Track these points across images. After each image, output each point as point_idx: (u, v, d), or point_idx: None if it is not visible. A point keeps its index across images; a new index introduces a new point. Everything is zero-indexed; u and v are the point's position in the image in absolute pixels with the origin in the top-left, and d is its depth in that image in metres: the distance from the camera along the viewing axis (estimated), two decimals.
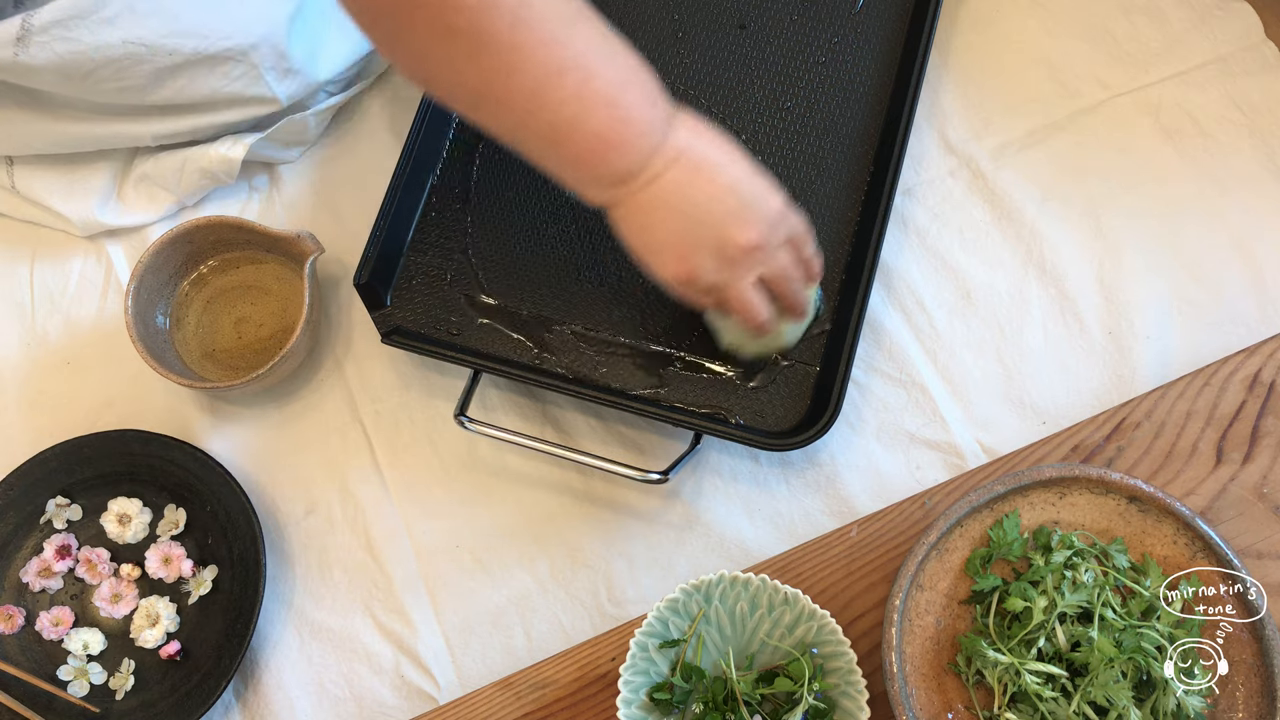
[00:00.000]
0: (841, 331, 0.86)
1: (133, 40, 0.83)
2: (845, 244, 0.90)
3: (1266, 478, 0.84)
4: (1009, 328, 0.90)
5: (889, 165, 0.88)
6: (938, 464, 0.88)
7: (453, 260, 0.92)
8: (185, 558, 0.88)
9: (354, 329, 0.95)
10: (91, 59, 0.82)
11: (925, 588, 0.78)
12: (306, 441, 0.92)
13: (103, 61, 0.83)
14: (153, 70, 0.85)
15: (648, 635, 0.78)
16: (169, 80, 0.87)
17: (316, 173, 0.99)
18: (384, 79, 1.00)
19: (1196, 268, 0.91)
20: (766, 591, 0.78)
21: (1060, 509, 0.80)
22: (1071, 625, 0.75)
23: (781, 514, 0.88)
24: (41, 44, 0.81)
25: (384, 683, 0.87)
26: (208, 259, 0.95)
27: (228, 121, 0.92)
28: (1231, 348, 0.88)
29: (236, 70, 0.88)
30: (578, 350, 0.89)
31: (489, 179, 0.94)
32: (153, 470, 0.90)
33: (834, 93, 0.93)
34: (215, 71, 0.87)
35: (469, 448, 0.91)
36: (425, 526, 0.90)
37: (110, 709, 0.87)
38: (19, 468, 0.89)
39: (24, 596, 0.89)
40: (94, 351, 0.95)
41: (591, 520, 0.88)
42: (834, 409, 0.83)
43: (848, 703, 0.76)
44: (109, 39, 0.82)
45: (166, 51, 0.84)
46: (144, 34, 0.83)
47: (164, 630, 0.87)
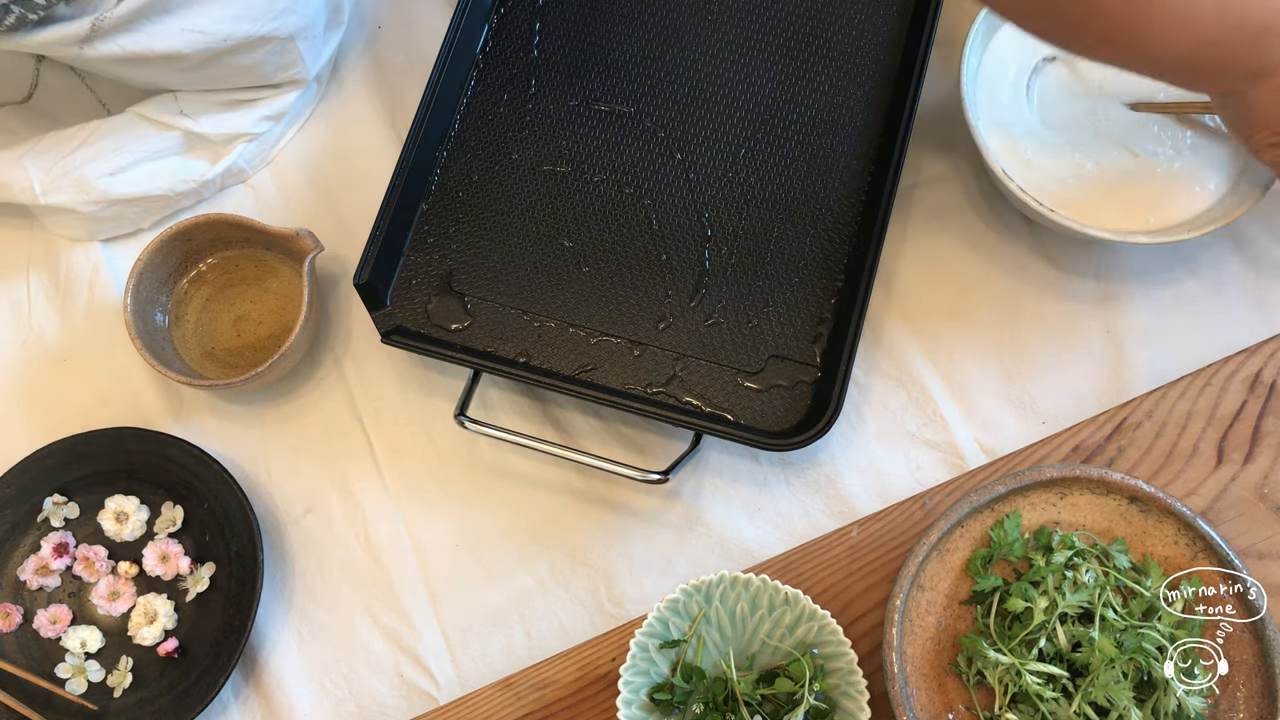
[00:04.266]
0: (841, 331, 0.86)
1: (191, 29, 0.83)
2: (845, 244, 0.90)
3: (1267, 478, 0.84)
4: (1009, 328, 0.90)
5: (889, 165, 0.88)
6: (938, 464, 0.88)
7: (453, 260, 0.92)
8: (183, 555, 0.88)
9: (353, 327, 0.94)
10: (152, 50, 0.83)
11: (926, 588, 0.78)
12: (306, 440, 0.92)
13: (163, 52, 0.83)
14: (205, 57, 0.86)
15: (648, 635, 0.78)
16: (216, 62, 0.88)
17: (316, 171, 0.98)
18: (385, 78, 1.00)
19: (1195, 266, 0.91)
20: (767, 592, 0.78)
21: (1061, 509, 0.80)
22: (1072, 625, 0.75)
23: (782, 514, 0.88)
24: (108, 41, 0.81)
25: (383, 682, 0.87)
26: (207, 256, 0.94)
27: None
28: (1231, 348, 0.88)
29: (277, 50, 0.90)
30: (578, 350, 0.89)
31: (489, 179, 0.94)
32: (150, 468, 0.90)
33: (834, 92, 0.93)
34: (260, 50, 0.89)
35: (469, 448, 0.91)
36: (425, 526, 0.89)
37: (108, 706, 0.86)
38: (16, 465, 0.89)
39: (21, 594, 0.89)
40: (92, 349, 0.95)
41: (591, 520, 0.88)
42: (834, 409, 0.83)
43: (848, 703, 0.76)
44: (170, 28, 0.83)
45: (221, 37, 0.85)
46: (202, 22, 0.84)
47: (162, 628, 0.87)
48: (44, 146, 0.91)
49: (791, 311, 0.89)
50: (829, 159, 0.92)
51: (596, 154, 0.93)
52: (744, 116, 0.93)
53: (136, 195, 0.93)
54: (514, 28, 0.97)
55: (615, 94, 0.95)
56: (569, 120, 0.94)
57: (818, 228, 0.90)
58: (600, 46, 0.96)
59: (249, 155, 0.97)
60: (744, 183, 0.92)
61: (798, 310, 0.89)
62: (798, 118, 0.93)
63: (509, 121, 0.95)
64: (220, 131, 0.93)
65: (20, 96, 0.96)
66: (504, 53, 0.96)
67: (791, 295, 0.89)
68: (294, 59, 0.92)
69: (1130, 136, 0.89)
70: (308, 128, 1.00)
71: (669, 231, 0.91)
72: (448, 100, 0.94)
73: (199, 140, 0.94)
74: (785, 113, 0.93)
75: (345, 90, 1.00)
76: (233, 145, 0.95)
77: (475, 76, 0.96)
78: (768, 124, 0.93)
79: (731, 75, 0.94)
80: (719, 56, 0.95)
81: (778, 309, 0.89)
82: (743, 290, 0.89)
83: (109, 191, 0.92)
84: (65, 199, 0.91)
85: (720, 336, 0.88)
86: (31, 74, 0.95)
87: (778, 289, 0.89)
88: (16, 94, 0.96)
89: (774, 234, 0.90)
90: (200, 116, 0.92)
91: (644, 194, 0.92)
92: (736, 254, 0.90)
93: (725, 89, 0.94)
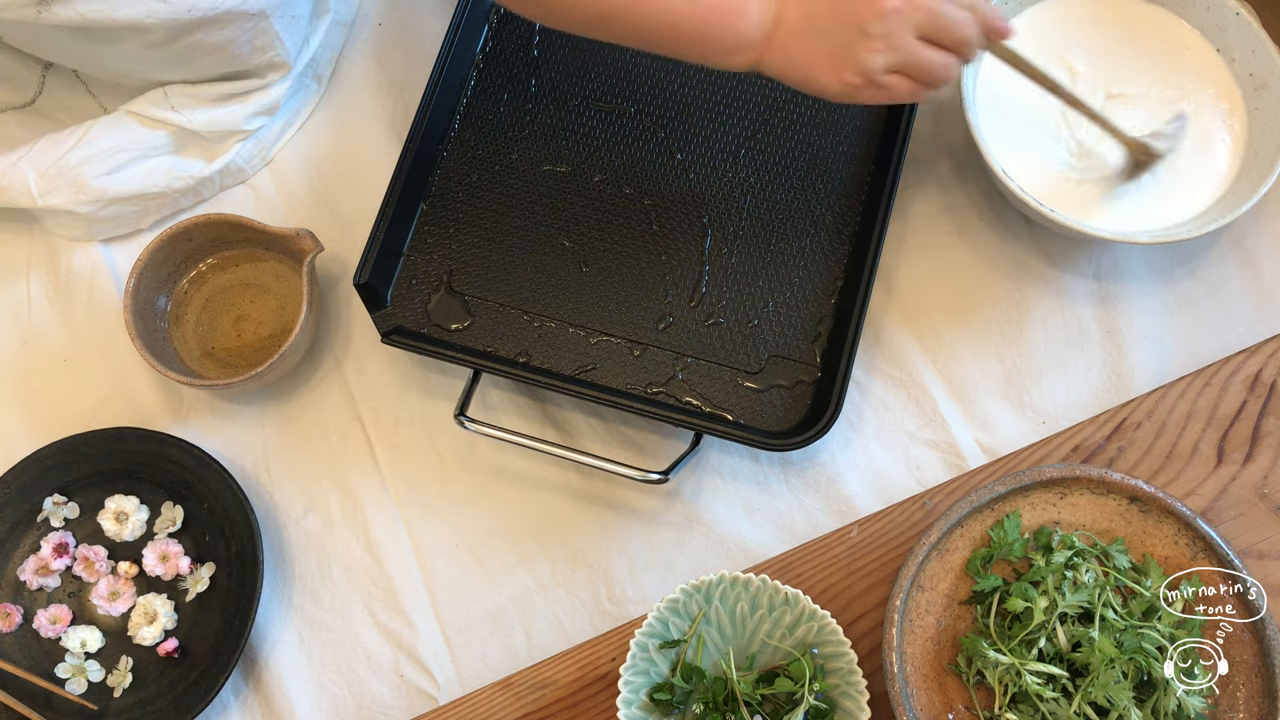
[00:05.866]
0: (842, 331, 0.86)
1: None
2: (845, 244, 0.90)
3: (1267, 478, 0.84)
4: (1009, 328, 0.90)
5: (889, 165, 0.88)
6: (938, 464, 0.88)
7: (453, 260, 0.92)
8: (183, 555, 0.88)
9: (353, 328, 0.94)
10: (113, 18, 0.82)
11: (926, 588, 0.78)
12: (306, 440, 0.92)
13: (123, 20, 0.82)
14: (170, 29, 0.85)
15: (648, 635, 0.78)
16: (185, 36, 0.86)
17: (316, 171, 0.98)
18: (385, 78, 1.00)
19: (1195, 266, 0.91)
20: (767, 592, 0.78)
21: (1061, 509, 0.80)
22: (1072, 625, 0.75)
23: (782, 514, 0.88)
24: (65, 5, 0.80)
25: (383, 682, 0.87)
26: (207, 257, 0.94)
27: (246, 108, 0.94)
28: (1231, 348, 0.88)
29: (250, 28, 0.89)
30: (578, 350, 0.89)
31: (489, 178, 0.94)
32: (150, 468, 0.90)
33: None
34: (230, 27, 0.87)
35: (469, 448, 0.91)
36: (425, 526, 0.89)
37: (108, 706, 0.86)
38: (16, 465, 0.89)
39: (22, 594, 0.89)
40: (92, 349, 0.95)
41: (591, 520, 0.88)
42: (834, 409, 0.83)
43: (848, 703, 0.76)
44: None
45: (185, 8, 0.84)
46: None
47: (161, 628, 0.87)
48: (40, 149, 0.91)
49: (791, 311, 0.89)
50: (829, 159, 0.92)
51: (596, 154, 0.93)
52: (744, 116, 0.93)
53: (133, 194, 0.93)
54: (514, 28, 0.97)
55: (615, 94, 0.95)
56: (569, 120, 0.94)
57: (818, 228, 0.90)
58: (600, 46, 0.96)
59: (248, 155, 0.97)
60: (744, 183, 0.92)
61: (798, 310, 0.89)
62: (798, 118, 0.93)
63: (509, 121, 0.95)
64: (212, 127, 0.93)
65: (25, 100, 0.96)
66: (504, 53, 0.96)
67: (791, 295, 0.89)
68: (270, 40, 0.91)
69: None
70: (307, 127, 0.99)
71: (669, 231, 0.91)
72: (448, 100, 0.94)
73: (192, 137, 0.94)
74: (785, 113, 0.93)
75: (345, 90, 1.00)
76: (227, 143, 0.95)
77: (475, 76, 0.96)
78: (768, 124, 0.93)
79: (732, 75, 0.94)
80: None
81: (778, 309, 0.89)
82: (743, 290, 0.89)
83: (105, 191, 0.92)
84: (62, 200, 0.91)
85: (720, 336, 0.88)
86: (38, 79, 0.95)
87: (778, 289, 0.89)
88: (21, 98, 0.96)
89: (774, 234, 0.90)
90: (190, 112, 0.92)
91: (644, 194, 0.92)
92: (736, 254, 0.90)
93: (725, 89, 0.94)
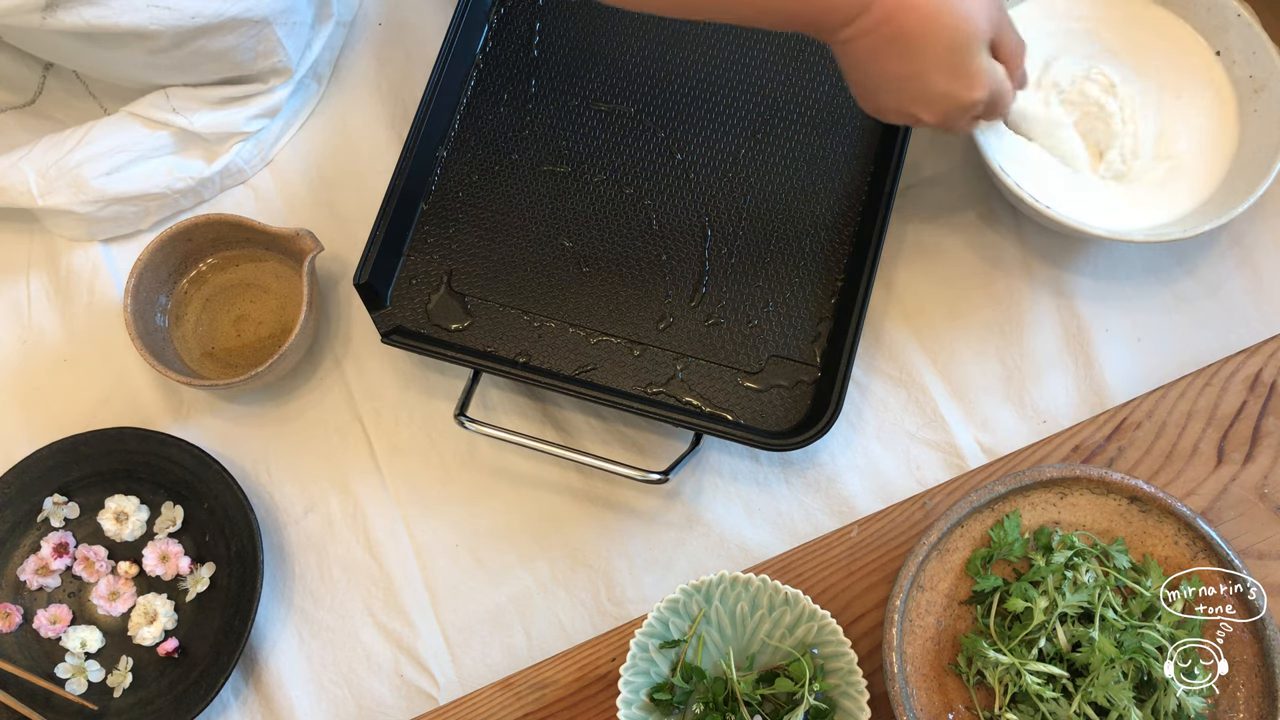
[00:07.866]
0: (842, 331, 0.86)
1: (156, 4, 0.82)
2: (845, 244, 0.90)
3: (1267, 478, 0.84)
4: (1009, 327, 0.90)
5: (889, 165, 0.88)
6: (938, 464, 0.88)
7: (453, 260, 0.92)
8: (183, 555, 0.88)
9: (353, 328, 0.94)
10: (117, 25, 0.82)
11: (926, 588, 0.78)
12: (306, 440, 0.92)
13: (128, 27, 0.82)
14: (173, 35, 0.85)
15: (648, 635, 0.78)
16: (188, 43, 0.86)
17: (316, 171, 0.98)
18: (385, 78, 1.00)
19: (1194, 266, 0.91)
20: (767, 592, 0.78)
21: (1061, 509, 0.80)
22: (1072, 625, 0.75)
23: (782, 514, 0.88)
24: (70, 11, 0.80)
25: (383, 682, 0.87)
26: (207, 257, 0.94)
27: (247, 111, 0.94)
28: (1231, 348, 0.88)
29: (252, 34, 0.88)
30: (578, 350, 0.89)
31: (489, 179, 0.94)
32: (150, 468, 0.90)
33: (834, 92, 0.93)
34: (234, 34, 0.87)
35: (469, 447, 0.91)
36: (425, 526, 0.89)
37: (108, 706, 0.86)
38: (16, 465, 0.89)
39: (21, 594, 0.89)
40: (91, 349, 0.95)
41: (591, 520, 0.88)
42: (834, 409, 0.83)
43: (848, 703, 0.76)
44: (134, 2, 0.82)
45: (189, 15, 0.84)
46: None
47: (162, 628, 0.87)
48: (41, 149, 0.91)
49: (791, 311, 0.89)
50: (829, 159, 0.92)
51: (596, 154, 0.93)
52: (744, 116, 0.93)
53: (133, 194, 0.93)
54: (514, 28, 0.97)
55: (615, 94, 0.95)
56: (569, 120, 0.94)
57: (818, 228, 0.90)
58: (600, 46, 0.96)
59: (248, 155, 0.97)
60: (744, 183, 0.92)
61: (798, 310, 0.89)
62: (798, 118, 0.93)
63: (509, 121, 0.95)
64: (213, 129, 0.93)
65: (25, 100, 0.96)
66: (504, 53, 0.96)
67: (791, 295, 0.89)
68: (272, 46, 0.91)
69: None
70: (307, 127, 1.00)
71: (669, 231, 0.91)
72: (448, 100, 0.94)
73: (193, 138, 0.94)
74: (785, 113, 0.93)
75: (345, 90, 1.00)
76: (228, 144, 0.95)
77: (475, 76, 0.96)
78: (768, 124, 0.93)
79: (731, 75, 0.94)
80: (719, 56, 0.95)
81: (778, 309, 0.89)
82: (743, 290, 0.89)
83: (105, 191, 0.92)
84: (63, 200, 0.91)
85: (720, 336, 0.88)
86: (38, 80, 0.95)
87: (778, 289, 0.89)
88: (21, 98, 0.96)
89: (774, 234, 0.90)
90: (192, 114, 0.92)
91: (644, 194, 0.92)
92: (736, 254, 0.90)
93: (725, 89, 0.94)
